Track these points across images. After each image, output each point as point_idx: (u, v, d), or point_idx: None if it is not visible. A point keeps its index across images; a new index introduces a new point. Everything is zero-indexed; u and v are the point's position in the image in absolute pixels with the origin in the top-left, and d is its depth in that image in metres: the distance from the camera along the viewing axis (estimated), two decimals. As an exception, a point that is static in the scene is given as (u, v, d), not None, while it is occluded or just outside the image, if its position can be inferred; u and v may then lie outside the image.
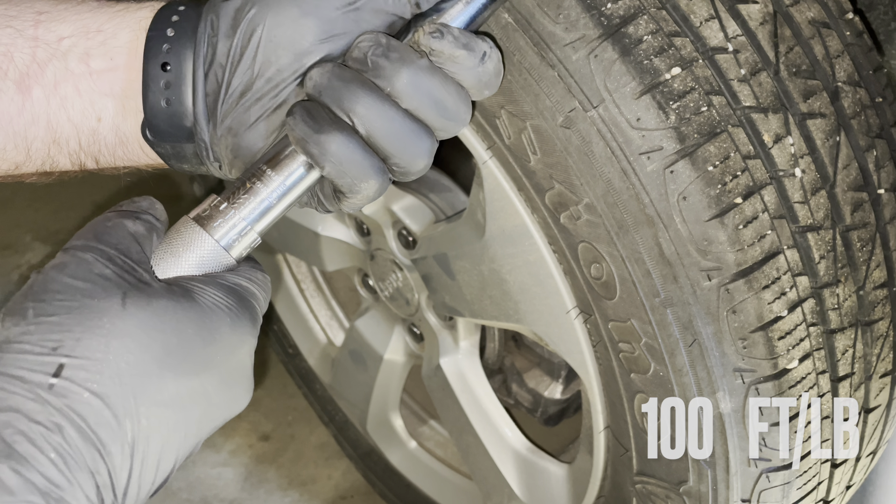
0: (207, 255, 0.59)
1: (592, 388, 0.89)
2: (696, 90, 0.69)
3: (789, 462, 0.79)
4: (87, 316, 0.52)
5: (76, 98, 0.64)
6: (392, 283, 1.23)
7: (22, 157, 0.66)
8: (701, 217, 0.69)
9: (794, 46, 0.73)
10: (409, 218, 1.14)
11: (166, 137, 0.64)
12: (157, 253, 0.59)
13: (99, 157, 0.67)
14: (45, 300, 0.52)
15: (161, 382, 0.52)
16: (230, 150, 0.63)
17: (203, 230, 0.59)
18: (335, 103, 0.59)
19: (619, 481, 0.93)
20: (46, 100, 0.64)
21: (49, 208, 2.20)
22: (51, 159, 0.66)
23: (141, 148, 0.66)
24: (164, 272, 0.58)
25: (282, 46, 0.60)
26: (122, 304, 0.53)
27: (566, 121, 0.72)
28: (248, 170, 0.62)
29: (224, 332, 0.56)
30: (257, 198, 0.60)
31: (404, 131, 0.60)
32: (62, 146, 0.65)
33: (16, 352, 0.50)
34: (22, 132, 0.64)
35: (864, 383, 0.80)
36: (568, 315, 0.85)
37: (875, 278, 0.77)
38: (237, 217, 0.60)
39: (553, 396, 1.27)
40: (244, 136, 0.62)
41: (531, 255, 0.85)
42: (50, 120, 0.64)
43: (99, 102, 0.64)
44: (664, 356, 0.76)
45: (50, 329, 0.51)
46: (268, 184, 0.60)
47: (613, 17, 0.69)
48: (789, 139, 0.71)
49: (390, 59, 0.59)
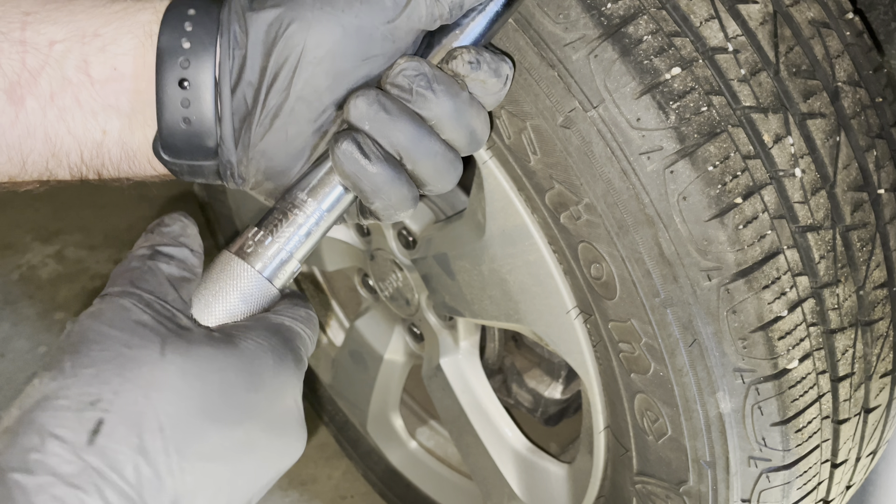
0: (252, 288, 0.58)
1: (592, 388, 0.89)
2: (696, 90, 0.69)
3: (789, 462, 0.79)
4: (126, 366, 0.49)
5: (76, 109, 0.60)
6: (392, 283, 1.23)
7: (17, 170, 0.61)
8: (701, 217, 0.69)
9: (794, 46, 0.73)
10: (409, 218, 1.14)
11: (183, 157, 0.60)
12: (199, 292, 0.57)
13: (102, 171, 0.63)
14: (82, 351, 0.50)
15: (204, 434, 0.50)
16: (261, 173, 0.61)
17: (245, 262, 0.58)
18: (383, 137, 0.58)
19: (620, 481, 0.93)
20: (42, 111, 0.59)
21: (49, 208, 2.20)
22: (49, 172, 0.62)
23: (150, 162, 0.62)
24: (209, 311, 0.56)
25: (322, 67, 0.58)
26: (160, 353, 0.50)
27: (566, 121, 0.72)
28: (286, 198, 0.60)
29: (267, 377, 0.53)
30: (297, 226, 0.59)
31: (445, 163, 0.60)
32: (61, 159, 0.61)
33: (54, 409, 0.48)
34: (16, 145, 0.60)
35: (864, 383, 0.80)
36: (568, 315, 0.85)
37: (875, 278, 0.77)
38: (277, 247, 0.59)
39: (553, 396, 1.27)
40: (278, 160, 0.60)
41: (531, 255, 0.85)
42: (48, 132, 0.60)
43: (102, 115, 0.60)
44: (664, 356, 0.76)
45: (88, 382, 0.48)
46: (306, 211, 0.60)
47: (613, 17, 0.69)
48: (789, 139, 0.71)
49: (435, 92, 0.58)
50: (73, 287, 2.02)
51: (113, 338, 0.50)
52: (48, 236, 2.14)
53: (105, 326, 0.51)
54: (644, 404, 0.82)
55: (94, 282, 2.03)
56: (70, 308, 1.97)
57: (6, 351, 1.87)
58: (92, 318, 0.52)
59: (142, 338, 0.51)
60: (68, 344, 0.51)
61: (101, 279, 2.04)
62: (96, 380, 0.49)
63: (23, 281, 2.03)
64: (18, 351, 1.87)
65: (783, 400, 0.75)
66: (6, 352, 1.87)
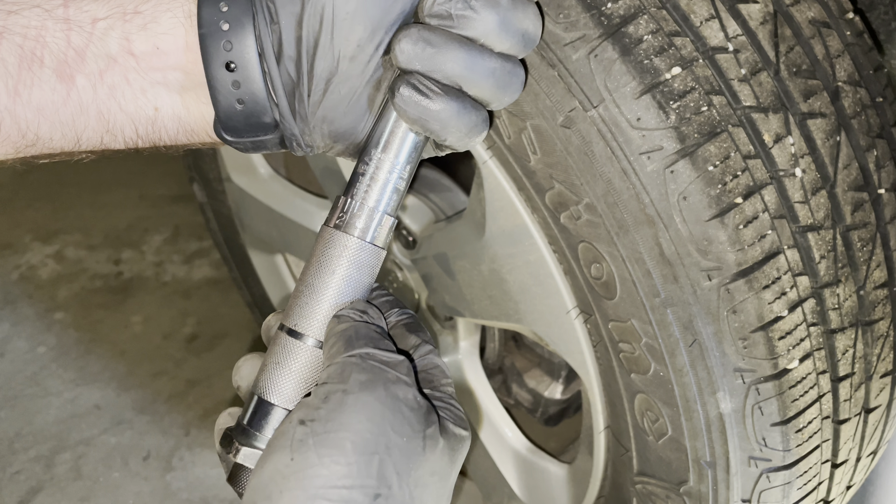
0: (359, 255, 0.61)
1: (593, 388, 0.88)
2: (696, 90, 0.69)
3: (789, 462, 0.78)
4: (400, 462, 0.51)
5: (125, 87, 0.59)
6: (392, 283, 1.23)
7: (72, 146, 0.61)
8: (701, 217, 0.69)
9: (795, 46, 0.73)
10: (409, 218, 1.14)
11: (245, 135, 0.61)
12: (325, 277, 0.60)
13: (158, 143, 0.63)
14: (359, 431, 0.51)
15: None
16: (327, 137, 0.61)
17: (345, 233, 0.60)
18: (437, 72, 0.57)
19: (620, 481, 0.92)
20: (93, 89, 0.59)
21: (49, 208, 2.20)
22: (104, 146, 0.62)
23: (209, 136, 0.62)
24: (342, 296, 0.60)
25: (356, 20, 0.57)
26: (422, 448, 0.53)
27: (566, 120, 0.71)
28: (363, 159, 0.61)
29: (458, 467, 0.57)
30: (381, 184, 0.61)
31: (504, 75, 0.59)
32: (116, 135, 0.61)
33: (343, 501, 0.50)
34: (70, 122, 0.59)
35: (864, 383, 0.80)
36: (568, 315, 0.85)
37: (875, 278, 0.77)
38: (368, 209, 0.61)
39: (553, 396, 1.27)
40: (339, 122, 0.60)
41: (531, 254, 0.84)
42: (100, 109, 0.59)
43: (151, 92, 0.60)
44: (664, 356, 0.76)
45: (369, 473, 0.51)
46: (385, 167, 0.61)
47: (614, 16, 0.69)
48: (789, 139, 0.71)
49: (475, 9, 0.56)
50: (73, 287, 2.02)
51: (387, 420, 0.52)
52: (48, 236, 2.14)
53: (378, 404, 0.52)
54: (644, 404, 0.82)
55: (93, 282, 2.03)
56: (69, 308, 1.97)
57: (5, 351, 1.87)
58: (365, 390, 0.53)
59: (409, 426, 0.53)
60: (342, 413, 0.52)
61: (101, 279, 2.04)
62: (377, 472, 0.51)
63: (22, 281, 2.03)
64: (18, 351, 1.87)
65: (783, 400, 0.75)
66: (5, 351, 1.87)
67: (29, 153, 0.61)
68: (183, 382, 1.80)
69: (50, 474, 1.64)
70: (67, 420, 1.73)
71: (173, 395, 1.77)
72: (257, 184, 1.34)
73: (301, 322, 0.61)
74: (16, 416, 1.74)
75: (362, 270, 0.61)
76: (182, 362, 1.84)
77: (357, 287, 0.61)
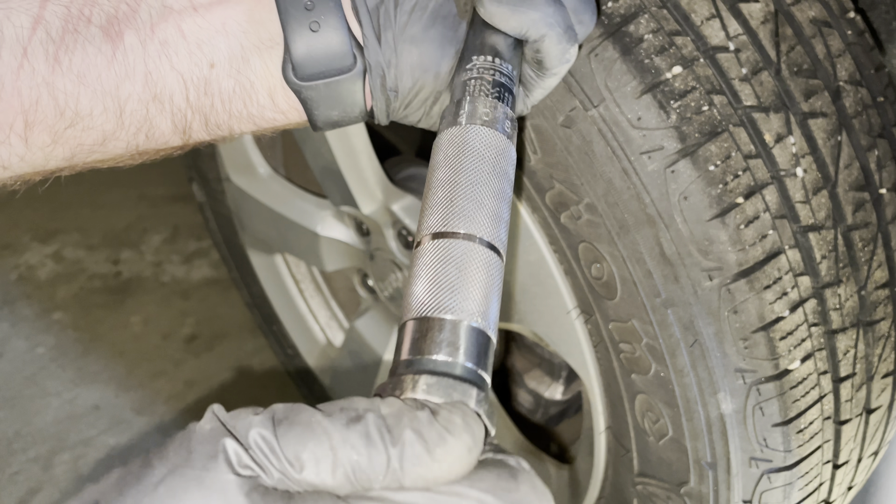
0: (497, 146, 0.53)
1: (593, 388, 0.88)
2: (697, 89, 0.69)
3: (791, 463, 0.78)
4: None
5: (180, 41, 0.53)
6: (392, 284, 1.22)
7: (112, 124, 0.54)
8: (702, 217, 0.69)
9: (796, 45, 0.72)
10: (409, 218, 1.14)
11: (318, 75, 0.54)
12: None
13: (210, 115, 0.56)
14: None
15: None
16: (416, 70, 0.56)
17: (489, 128, 0.54)
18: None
19: (620, 482, 0.92)
20: (143, 46, 0.53)
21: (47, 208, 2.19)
22: (148, 123, 0.55)
23: (271, 96, 0.56)
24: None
25: None
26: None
27: (566, 120, 0.71)
28: (461, 69, 0.56)
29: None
30: (490, 84, 0.55)
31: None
32: (164, 104, 0.54)
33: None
34: (113, 90, 0.53)
35: (865, 384, 0.80)
36: (568, 315, 0.85)
37: (877, 278, 0.77)
38: (502, 109, 0.55)
39: (553, 397, 1.27)
40: (427, 46, 0.56)
41: (531, 255, 0.84)
42: (149, 71, 0.53)
43: (209, 44, 0.54)
44: (665, 357, 0.76)
45: None
46: (489, 68, 0.56)
47: (614, 15, 0.69)
48: (791, 139, 0.71)
49: None
50: (72, 287, 2.02)
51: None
52: (46, 236, 2.14)
53: None
54: (645, 405, 0.82)
55: (92, 282, 2.03)
56: (68, 308, 1.96)
57: (4, 351, 1.87)
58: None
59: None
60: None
61: (100, 279, 2.04)
62: None
63: (21, 281, 2.03)
64: (16, 351, 1.87)
65: (784, 400, 0.75)
66: (4, 352, 1.86)
67: (68, 141, 0.54)
68: (182, 383, 1.80)
69: (49, 475, 1.63)
70: (66, 420, 1.72)
71: (172, 396, 1.77)
72: (257, 184, 1.33)
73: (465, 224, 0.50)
74: (14, 416, 1.73)
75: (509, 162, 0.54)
76: (181, 363, 1.84)
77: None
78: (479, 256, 0.48)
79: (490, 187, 0.50)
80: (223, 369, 1.82)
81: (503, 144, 0.53)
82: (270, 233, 1.40)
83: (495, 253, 0.49)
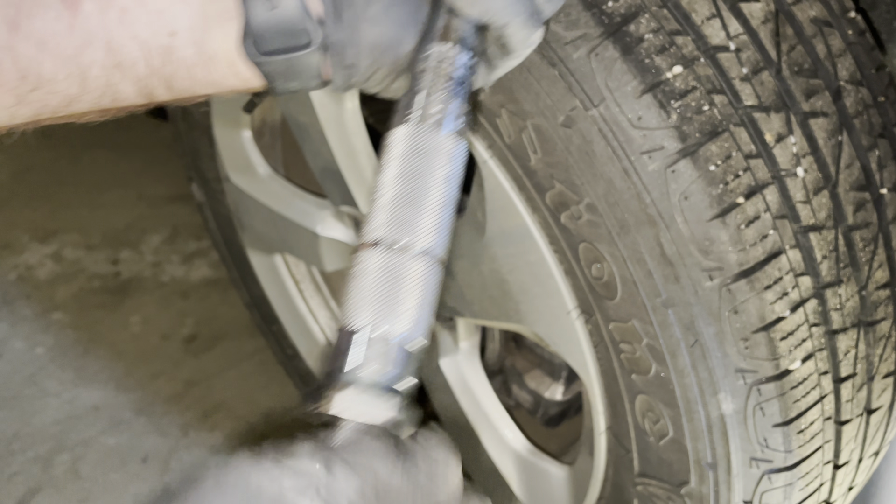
0: (445, 149, 0.55)
1: (593, 389, 0.88)
2: (697, 89, 0.69)
3: (791, 463, 0.78)
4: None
5: (139, 9, 0.53)
6: (391, 284, 1.22)
7: (76, 89, 0.55)
8: (703, 217, 0.69)
9: (796, 45, 0.72)
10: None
11: (277, 51, 0.54)
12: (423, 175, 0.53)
13: (173, 82, 0.56)
14: None
15: None
16: (376, 50, 0.56)
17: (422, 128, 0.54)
18: None
19: (621, 483, 0.92)
20: (101, 14, 0.52)
21: (47, 208, 2.19)
22: (112, 88, 0.55)
23: (230, 67, 0.56)
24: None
25: None
26: None
27: (567, 120, 0.71)
28: (418, 58, 0.56)
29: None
30: (445, 75, 0.56)
31: None
32: (126, 71, 0.54)
33: None
34: (74, 56, 0.53)
35: (866, 384, 0.80)
36: (569, 315, 0.84)
37: (877, 278, 0.77)
38: (455, 105, 0.55)
39: (554, 398, 1.27)
40: (386, 25, 0.55)
41: (532, 255, 0.84)
42: (110, 39, 0.53)
43: (169, 12, 0.54)
44: (666, 357, 0.76)
45: None
46: (447, 59, 0.56)
47: (614, 15, 0.69)
48: (791, 138, 0.71)
49: None
50: (71, 287, 2.01)
51: None
52: (46, 236, 2.13)
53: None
54: (645, 405, 0.81)
55: (91, 282, 2.03)
56: (68, 308, 1.96)
57: (3, 351, 1.86)
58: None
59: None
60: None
61: (99, 279, 2.04)
62: None
63: (20, 281, 2.03)
64: (15, 351, 1.86)
65: (785, 401, 0.75)
66: (3, 352, 1.86)
67: (32, 103, 0.54)
68: (181, 383, 1.80)
69: (48, 475, 1.63)
70: (65, 421, 1.72)
71: (172, 396, 1.77)
72: (256, 183, 1.33)
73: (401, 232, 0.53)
74: (14, 416, 1.73)
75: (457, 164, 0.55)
76: (180, 363, 1.84)
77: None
78: (414, 268, 0.51)
79: (433, 195, 0.53)
80: (223, 369, 1.82)
81: (451, 145, 0.55)
82: (270, 233, 1.39)
83: (433, 260, 0.52)
